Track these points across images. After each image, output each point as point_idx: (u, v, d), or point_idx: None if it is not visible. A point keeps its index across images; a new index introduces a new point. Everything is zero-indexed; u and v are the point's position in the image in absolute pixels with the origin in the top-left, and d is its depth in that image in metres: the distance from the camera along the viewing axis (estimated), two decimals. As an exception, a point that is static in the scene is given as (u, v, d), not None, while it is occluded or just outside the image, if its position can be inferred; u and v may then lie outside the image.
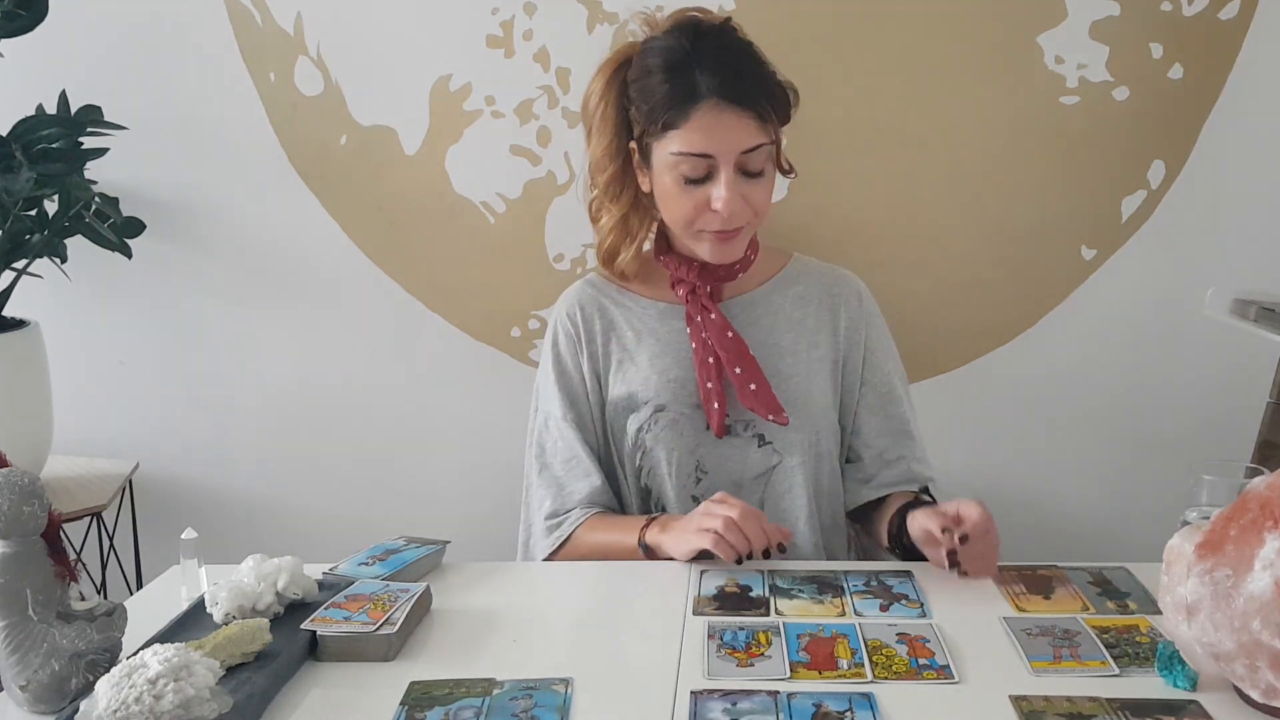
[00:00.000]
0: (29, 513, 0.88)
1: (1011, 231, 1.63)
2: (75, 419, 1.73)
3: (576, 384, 1.35)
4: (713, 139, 1.19)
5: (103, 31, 1.63)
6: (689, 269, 1.31)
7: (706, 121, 1.19)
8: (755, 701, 0.88)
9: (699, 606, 1.07)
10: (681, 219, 1.25)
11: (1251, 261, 1.61)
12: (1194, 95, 1.57)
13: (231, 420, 1.77)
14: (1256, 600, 0.82)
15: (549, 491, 1.32)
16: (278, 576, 1.03)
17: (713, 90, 1.18)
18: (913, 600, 1.07)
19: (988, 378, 1.68)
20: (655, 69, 1.22)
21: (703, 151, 1.20)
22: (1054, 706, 0.86)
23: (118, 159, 1.58)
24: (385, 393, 1.75)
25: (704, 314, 1.30)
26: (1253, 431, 1.44)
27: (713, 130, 1.19)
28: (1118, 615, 1.03)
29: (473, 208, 1.66)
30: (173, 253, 1.71)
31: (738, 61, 1.21)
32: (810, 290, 1.36)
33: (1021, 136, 1.59)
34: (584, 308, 1.37)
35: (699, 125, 1.19)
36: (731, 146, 1.20)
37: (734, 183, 1.21)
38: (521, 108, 1.61)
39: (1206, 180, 1.60)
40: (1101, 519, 1.72)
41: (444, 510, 1.77)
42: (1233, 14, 1.54)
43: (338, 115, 1.64)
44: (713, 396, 1.27)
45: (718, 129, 1.19)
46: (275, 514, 1.80)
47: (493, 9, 1.58)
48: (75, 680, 0.89)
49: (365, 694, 0.92)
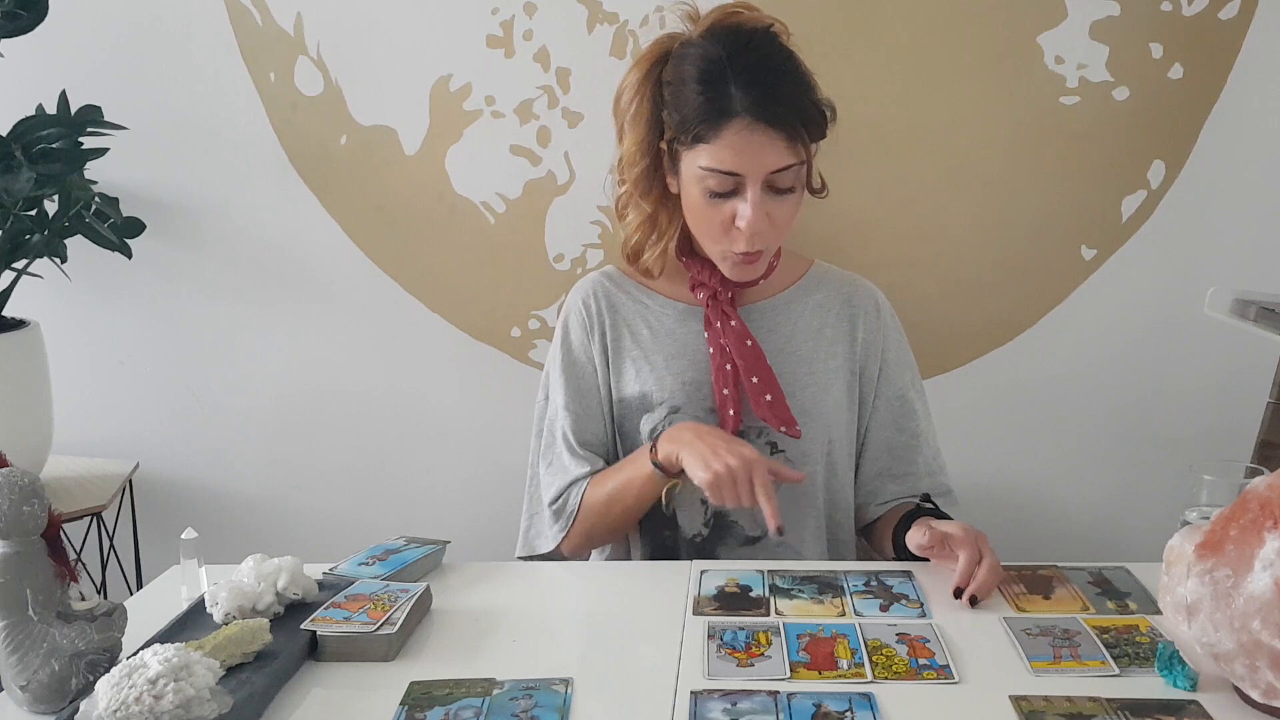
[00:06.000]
0: (29, 513, 0.88)
1: (1011, 231, 1.63)
2: (75, 419, 1.73)
3: (587, 373, 1.35)
4: (742, 158, 1.17)
5: (103, 31, 1.63)
6: (711, 274, 1.30)
7: (738, 140, 1.17)
8: (755, 701, 0.88)
9: (699, 606, 1.07)
10: (706, 233, 1.25)
11: (1251, 261, 1.61)
12: (1194, 95, 1.57)
13: (231, 420, 1.77)
14: (1256, 600, 0.82)
15: (554, 478, 1.32)
16: (278, 576, 1.03)
17: (746, 108, 1.16)
18: (913, 600, 1.07)
19: (988, 378, 1.68)
20: (690, 78, 1.19)
21: (731, 170, 1.18)
22: (1054, 706, 0.86)
23: (118, 159, 1.58)
24: (385, 393, 1.75)
25: (724, 320, 1.29)
26: (1253, 431, 1.44)
27: (743, 149, 1.17)
28: (1118, 615, 1.03)
29: (473, 208, 1.66)
30: (173, 253, 1.71)
31: (775, 79, 1.18)
32: (829, 299, 1.36)
33: (1021, 136, 1.59)
34: (598, 298, 1.36)
35: (729, 143, 1.17)
36: (761, 166, 1.18)
37: (760, 202, 1.19)
38: (521, 108, 1.61)
39: (1206, 180, 1.60)
40: (1101, 519, 1.72)
41: (444, 510, 1.77)
42: (1233, 14, 1.54)
43: (338, 115, 1.64)
44: (728, 403, 1.27)
45: (748, 148, 1.17)
46: (275, 514, 1.80)
47: (493, 9, 1.58)
48: (75, 680, 0.89)
49: (365, 694, 0.92)
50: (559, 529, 1.30)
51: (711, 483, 1.14)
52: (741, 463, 1.14)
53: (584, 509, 1.28)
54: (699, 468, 1.15)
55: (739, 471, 1.13)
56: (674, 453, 1.19)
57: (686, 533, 1.31)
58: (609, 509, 1.27)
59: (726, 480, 1.13)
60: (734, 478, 1.13)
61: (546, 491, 1.33)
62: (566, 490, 1.30)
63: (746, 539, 1.31)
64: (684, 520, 1.31)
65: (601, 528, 1.29)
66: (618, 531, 1.31)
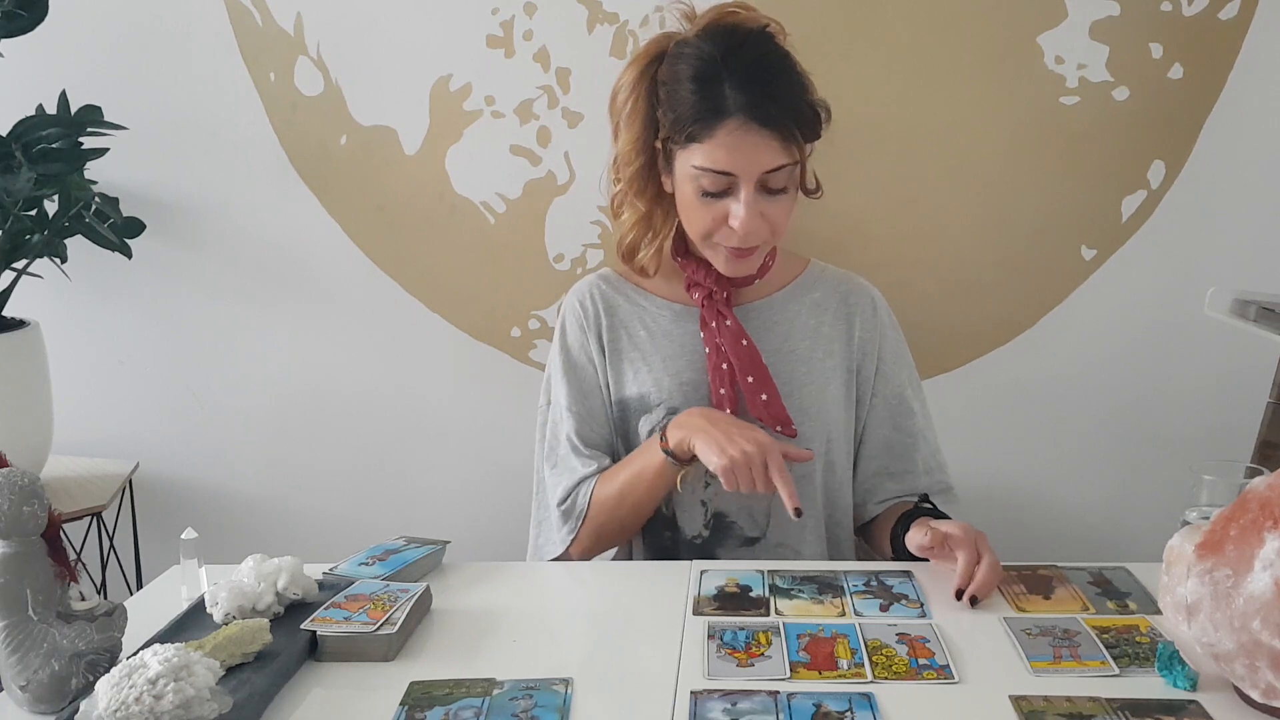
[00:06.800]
0: (29, 513, 0.88)
1: (1011, 231, 1.63)
2: (75, 419, 1.73)
3: (588, 373, 1.35)
4: (735, 158, 1.18)
5: (103, 31, 1.63)
6: (706, 273, 1.30)
7: (731, 140, 1.17)
8: (755, 701, 0.88)
9: (699, 606, 1.07)
10: (699, 231, 1.25)
11: (1251, 261, 1.61)
12: (1194, 95, 1.57)
13: (231, 420, 1.77)
14: (1256, 600, 0.82)
15: (560, 478, 1.32)
16: (278, 576, 1.03)
17: (740, 108, 1.16)
18: (913, 600, 1.07)
19: (988, 378, 1.68)
20: (685, 77, 1.19)
21: (725, 169, 1.18)
22: (1054, 706, 0.86)
23: (118, 159, 1.58)
24: (385, 393, 1.75)
25: (719, 320, 1.29)
26: (1253, 431, 1.44)
27: (736, 149, 1.17)
28: (1118, 615, 1.03)
29: (473, 208, 1.66)
30: (173, 253, 1.71)
31: (770, 79, 1.18)
32: (826, 298, 1.36)
33: (1021, 136, 1.59)
34: (595, 300, 1.36)
35: (723, 143, 1.17)
36: (754, 166, 1.18)
37: (754, 201, 1.19)
38: (521, 108, 1.61)
39: (1206, 180, 1.59)
40: (1101, 519, 1.72)
41: (444, 510, 1.77)
42: (1233, 14, 1.54)
43: (338, 115, 1.64)
44: (725, 403, 1.26)
45: (742, 148, 1.17)
46: (275, 514, 1.80)
47: (493, 9, 1.58)
48: (75, 680, 0.89)
49: (365, 694, 0.92)
50: (568, 530, 1.29)
51: (727, 468, 1.14)
52: (756, 448, 1.14)
53: (594, 506, 1.28)
54: (714, 454, 1.15)
55: (754, 457, 1.13)
56: (685, 439, 1.19)
57: (687, 533, 1.31)
58: (620, 504, 1.27)
59: (742, 466, 1.13)
60: (749, 463, 1.13)
61: (553, 493, 1.32)
62: (574, 490, 1.30)
63: (746, 539, 1.31)
64: (684, 521, 1.31)
65: (613, 525, 1.28)
66: (629, 529, 1.30)
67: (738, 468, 1.13)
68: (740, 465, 1.13)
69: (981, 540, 1.09)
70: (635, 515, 1.28)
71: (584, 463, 1.31)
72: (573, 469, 1.31)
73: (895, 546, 1.22)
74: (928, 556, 1.13)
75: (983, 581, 1.05)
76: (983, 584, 1.05)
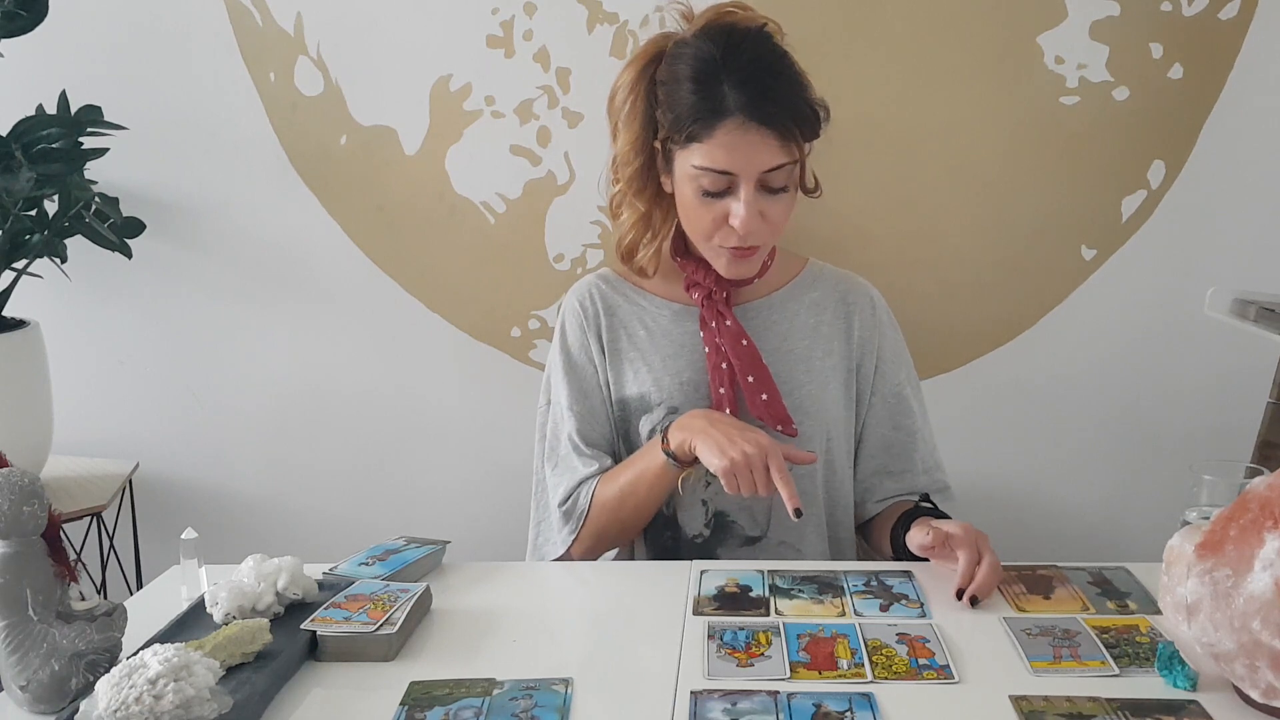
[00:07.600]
0: (29, 513, 0.88)
1: (1011, 231, 1.63)
2: (75, 419, 1.73)
3: (588, 373, 1.35)
4: (735, 157, 1.18)
5: (103, 31, 1.63)
6: (705, 273, 1.30)
7: (730, 139, 1.17)
8: (755, 701, 0.88)
9: (699, 606, 1.07)
10: (699, 231, 1.25)
11: (1251, 261, 1.61)
12: (1194, 95, 1.57)
13: (231, 420, 1.77)
14: (1256, 600, 0.82)
15: (562, 479, 1.31)
16: (278, 576, 1.03)
17: (739, 107, 1.16)
18: (913, 600, 1.07)
19: (988, 378, 1.68)
20: (684, 77, 1.19)
21: (724, 169, 1.18)
22: (1054, 706, 0.86)
23: (118, 159, 1.58)
24: (385, 393, 1.75)
25: (719, 319, 1.29)
26: (1253, 431, 1.44)
27: (736, 148, 1.17)
28: (1118, 615, 1.03)
29: (473, 208, 1.66)
30: (173, 253, 1.71)
31: (768, 78, 1.18)
32: (825, 297, 1.36)
33: (1021, 136, 1.59)
34: (594, 300, 1.36)
35: (722, 142, 1.17)
36: (754, 166, 1.18)
37: (753, 201, 1.19)
38: (521, 108, 1.61)
39: (1206, 180, 1.59)
40: (1101, 519, 1.72)
41: (444, 510, 1.77)
42: (1233, 14, 1.54)
43: (338, 115, 1.64)
44: (724, 402, 1.26)
45: (741, 147, 1.17)
46: (275, 514, 1.80)
47: (493, 9, 1.58)
48: (75, 680, 0.89)
49: (365, 694, 0.92)
50: (569, 531, 1.29)
51: (728, 470, 1.13)
52: (757, 450, 1.14)
53: (595, 507, 1.28)
54: (714, 455, 1.15)
55: (755, 459, 1.13)
56: (687, 441, 1.19)
57: (688, 532, 1.31)
58: (621, 505, 1.26)
59: (743, 468, 1.13)
60: (750, 465, 1.13)
61: (554, 494, 1.32)
62: (576, 490, 1.30)
63: (747, 538, 1.31)
64: (685, 520, 1.31)
65: (614, 526, 1.28)
66: (630, 530, 1.30)
67: (738, 469, 1.13)
68: (741, 467, 1.13)
69: (982, 540, 1.09)
70: (636, 516, 1.28)
71: (585, 462, 1.30)
72: (574, 469, 1.31)
73: (895, 545, 1.22)
74: (928, 556, 1.13)
75: (983, 582, 1.05)
76: (983, 584, 1.05)
